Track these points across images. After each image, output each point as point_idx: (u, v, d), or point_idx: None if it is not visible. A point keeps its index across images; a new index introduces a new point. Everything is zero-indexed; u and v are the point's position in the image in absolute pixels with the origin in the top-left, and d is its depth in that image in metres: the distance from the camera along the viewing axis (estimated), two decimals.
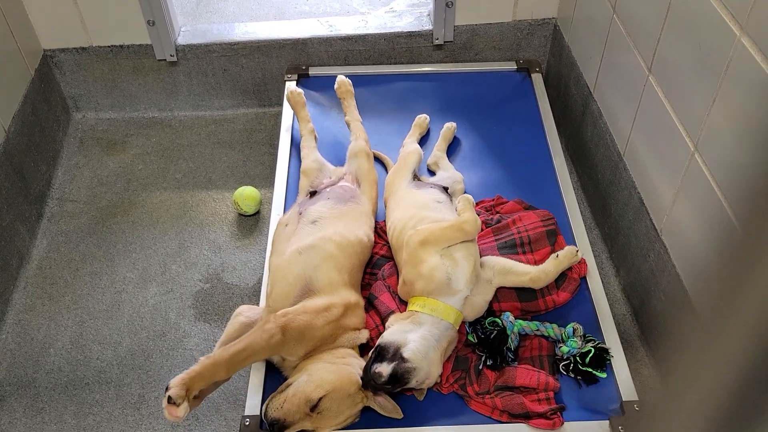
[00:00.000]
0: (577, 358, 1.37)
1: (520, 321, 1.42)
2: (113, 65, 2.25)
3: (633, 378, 1.38)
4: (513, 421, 1.31)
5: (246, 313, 1.45)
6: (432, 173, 1.77)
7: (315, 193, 1.63)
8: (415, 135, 1.85)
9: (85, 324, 1.79)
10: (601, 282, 1.56)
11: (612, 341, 1.44)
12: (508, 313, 1.42)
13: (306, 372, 1.30)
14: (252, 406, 1.36)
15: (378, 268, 1.55)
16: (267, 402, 1.28)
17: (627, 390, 1.35)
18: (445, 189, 1.64)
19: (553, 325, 1.43)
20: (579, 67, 2.02)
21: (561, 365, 1.38)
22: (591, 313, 1.49)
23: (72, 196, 2.13)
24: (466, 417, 1.33)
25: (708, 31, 1.30)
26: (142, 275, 1.90)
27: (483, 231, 1.59)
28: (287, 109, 1.97)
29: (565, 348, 1.39)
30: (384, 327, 1.39)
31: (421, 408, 1.35)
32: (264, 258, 1.77)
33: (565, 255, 1.49)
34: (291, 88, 1.95)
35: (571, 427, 1.30)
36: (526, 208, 1.67)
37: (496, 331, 1.39)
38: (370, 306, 1.48)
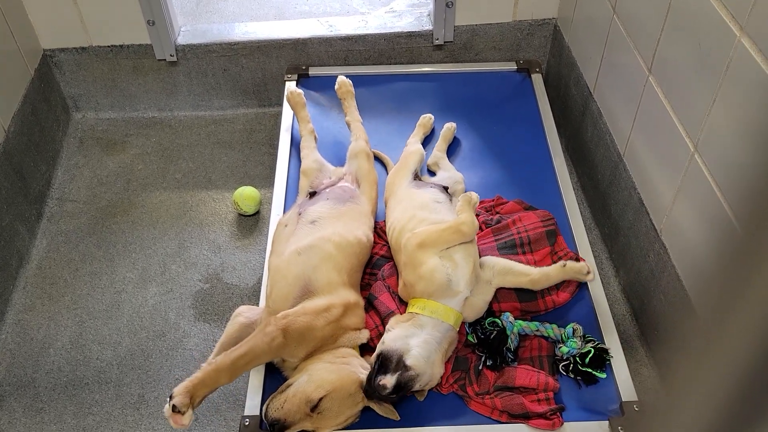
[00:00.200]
0: (577, 358, 1.37)
1: (519, 321, 1.42)
2: (113, 65, 2.25)
3: (633, 378, 1.38)
4: (513, 422, 1.31)
5: (246, 314, 1.45)
6: (432, 173, 1.77)
7: (315, 194, 1.63)
8: (419, 135, 1.84)
9: (85, 324, 1.79)
10: (601, 282, 1.56)
11: (612, 342, 1.44)
12: (507, 314, 1.42)
13: (306, 372, 1.30)
14: (252, 406, 1.36)
15: (378, 268, 1.55)
16: (267, 402, 1.28)
17: (627, 390, 1.35)
18: (446, 189, 1.64)
19: (553, 326, 1.42)
20: (579, 68, 2.02)
21: (561, 366, 1.38)
22: (591, 314, 1.48)
23: (72, 196, 2.12)
24: (465, 417, 1.33)
25: (708, 31, 1.30)
26: (141, 275, 1.90)
27: (483, 231, 1.59)
28: (287, 109, 1.97)
29: (565, 348, 1.39)
30: (384, 327, 1.39)
31: (421, 408, 1.35)
32: (264, 258, 1.77)
33: (574, 269, 1.47)
34: (291, 88, 1.95)
35: (571, 428, 1.30)
36: (526, 208, 1.67)
37: (495, 332, 1.39)
38: (370, 306, 1.48)
